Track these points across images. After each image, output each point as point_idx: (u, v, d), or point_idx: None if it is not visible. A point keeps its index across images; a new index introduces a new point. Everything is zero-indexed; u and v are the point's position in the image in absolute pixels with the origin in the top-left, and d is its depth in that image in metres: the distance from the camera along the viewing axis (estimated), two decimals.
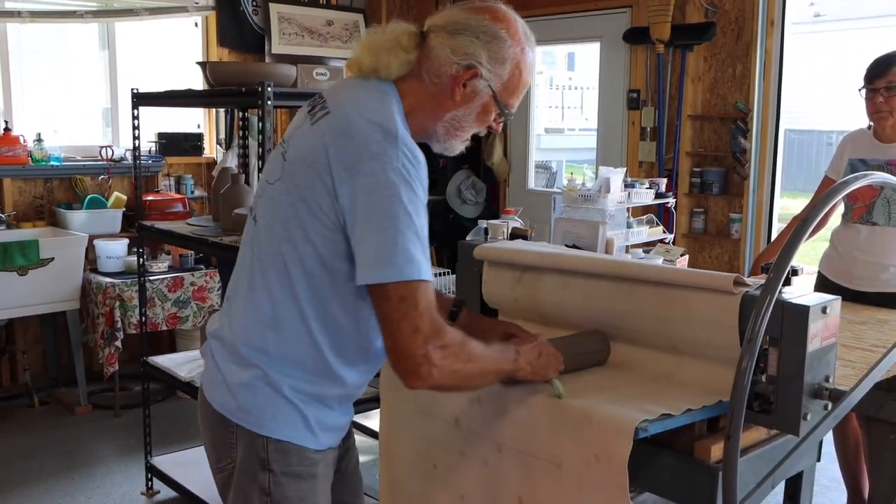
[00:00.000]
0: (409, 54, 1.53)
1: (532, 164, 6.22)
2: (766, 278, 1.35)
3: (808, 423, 1.50)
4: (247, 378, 1.53)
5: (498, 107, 1.57)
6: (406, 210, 1.39)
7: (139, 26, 5.26)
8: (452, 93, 1.53)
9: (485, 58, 1.51)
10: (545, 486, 1.59)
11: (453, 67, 1.51)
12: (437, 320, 1.41)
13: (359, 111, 1.47)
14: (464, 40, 1.51)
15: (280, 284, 1.50)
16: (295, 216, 1.47)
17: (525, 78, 1.59)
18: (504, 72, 1.54)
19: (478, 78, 1.52)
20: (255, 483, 1.55)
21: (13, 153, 4.54)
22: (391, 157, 1.40)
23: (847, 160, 3.10)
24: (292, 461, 1.55)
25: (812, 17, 11.55)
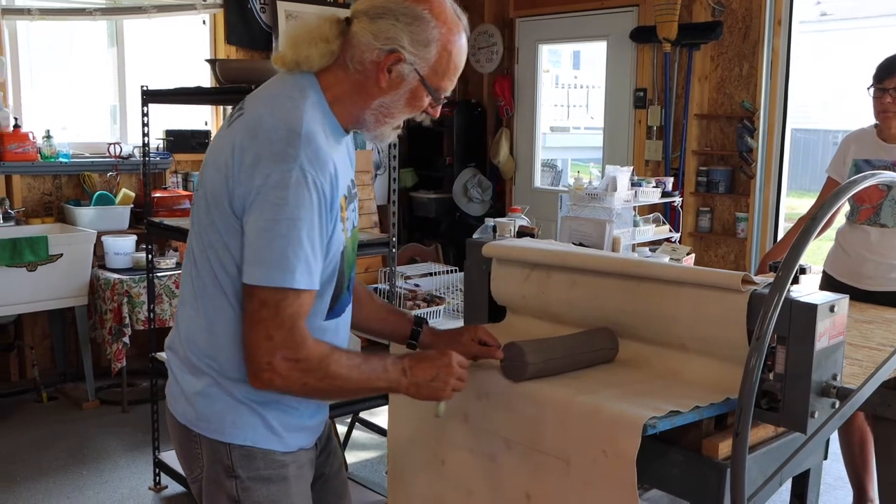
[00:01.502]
0: (330, 44, 1.48)
1: (538, 162, 6.23)
2: (775, 277, 1.36)
3: (816, 421, 1.51)
4: (201, 386, 1.52)
5: (427, 91, 1.50)
6: (293, 215, 1.36)
7: (147, 24, 5.28)
8: (378, 79, 1.47)
9: (407, 41, 1.45)
10: (553, 482, 1.60)
11: (375, 53, 1.45)
12: (296, 333, 1.39)
13: (270, 109, 1.45)
14: (384, 24, 1.45)
15: (213, 290, 1.48)
16: (210, 222, 1.46)
17: (456, 59, 1.51)
18: (430, 54, 1.47)
19: (402, 62, 1.46)
20: (223, 491, 1.53)
21: (22, 150, 4.56)
22: (290, 159, 1.37)
23: (851, 161, 3.10)
24: (258, 465, 1.52)
25: (818, 16, 11.53)
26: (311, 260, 1.39)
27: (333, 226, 1.46)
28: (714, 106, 5.08)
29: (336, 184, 1.44)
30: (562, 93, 12.68)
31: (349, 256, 1.59)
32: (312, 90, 1.49)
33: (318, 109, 1.47)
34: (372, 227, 5.81)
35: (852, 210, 3.10)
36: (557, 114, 12.35)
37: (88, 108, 5.32)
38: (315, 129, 1.43)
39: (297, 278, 1.37)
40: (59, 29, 5.14)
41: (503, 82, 6.15)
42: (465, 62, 1.54)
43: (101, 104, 5.35)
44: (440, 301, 3.25)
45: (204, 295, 1.50)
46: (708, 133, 5.14)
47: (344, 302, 1.61)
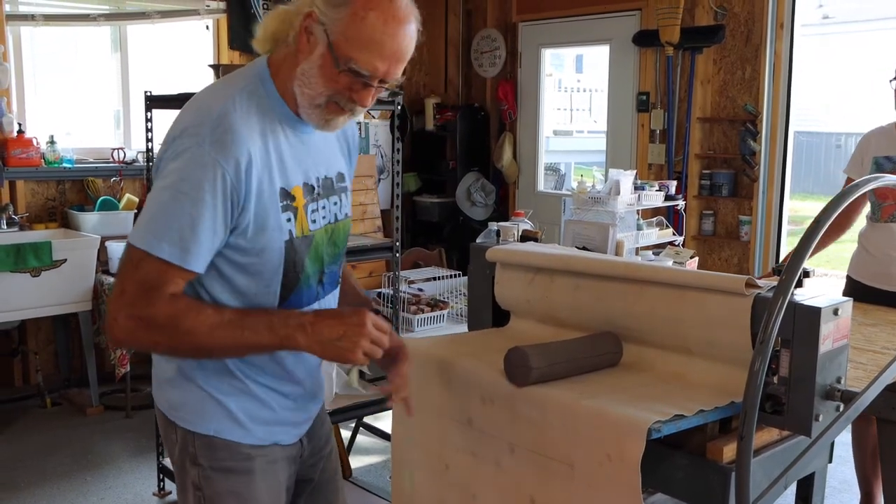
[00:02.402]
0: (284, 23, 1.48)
1: (542, 166, 6.24)
2: (779, 280, 1.36)
3: (820, 425, 1.51)
4: (169, 374, 1.55)
5: (335, 59, 1.39)
6: (180, 188, 1.35)
7: (151, 29, 5.30)
8: (300, 44, 1.43)
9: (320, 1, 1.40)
10: (558, 486, 1.60)
11: (300, 17, 1.43)
12: (147, 294, 1.36)
13: (205, 91, 1.50)
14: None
15: None
16: None
17: (371, 29, 1.38)
18: (340, 16, 1.38)
19: (315, 22, 1.40)
20: (189, 478, 1.54)
21: (26, 155, 4.57)
22: (194, 136, 1.38)
23: (871, 158, 3.01)
24: (221, 456, 1.53)
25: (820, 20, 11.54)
26: (187, 235, 1.35)
27: (264, 215, 1.43)
28: (717, 109, 5.08)
29: (250, 171, 1.39)
30: (565, 96, 12.70)
31: (319, 250, 1.56)
32: (257, 78, 1.48)
33: (255, 97, 1.45)
34: (375, 232, 5.82)
35: (874, 208, 3.00)
36: (560, 117, 12.37)
37: (92, 114, 5.33)
38: (234, 115, 1.40)
39: (162, 247, 1.35)
40: (63, 34, 5.16)
41: (506, 86, 6.16)
42: (394, 43, 1.41)
43: (105, 109, 5.37)
44: (444, 305, 3.25)
45: None
46: (711, 136, 5.14)
47: (307, 295, 1.56)
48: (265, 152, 1.43)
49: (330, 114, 1.46)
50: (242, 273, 1.47)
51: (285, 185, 1.47)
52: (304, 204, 1.50)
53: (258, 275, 1.47)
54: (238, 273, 1.47)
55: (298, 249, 1.50)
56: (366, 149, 5.96)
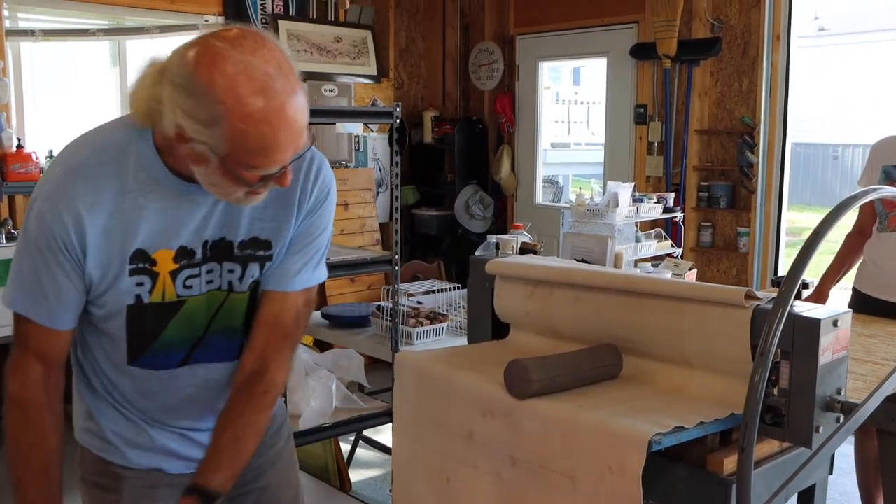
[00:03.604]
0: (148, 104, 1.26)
1: (540, 178, 6.25)
2: (778, 292, 1.36)
3: (821, 436, 1.51)
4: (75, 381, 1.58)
5: (229, 168, 1.22)
6: (22, 243, 1.35)
7: (150, 44, 5.31)
8: (184, 153, 1.25)
9: (183, 117, 1.19)
10: (559, 499, 1.60)
11: (170, 122, 1.22)
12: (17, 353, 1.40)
13: (74, 140, 1.41)
14: (169, 92, 1.20)
15: None
16: None
17: (260, 135, 1.19)
18: (219, 134, 1.18)
19: (192, 141, 1.21)
20: (80, 487, 1.59)
21: (25, 170, 4.57)
22: (40, 191, 1.34)
23: (881, 168, 2.99)
24: (93, 470, 1.55)
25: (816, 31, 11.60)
26: (37, 291, 1.35)
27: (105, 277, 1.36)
28: (714, 121, 5.10)
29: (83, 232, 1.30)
30: (562, 109, 12.74)
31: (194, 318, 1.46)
32: (135, 139, 1.33)
33: (124, 157, 1.33)
34: (374, 245, 5.82)
35: (881, 218, 2.97)
36: (558, 130, 12.40)
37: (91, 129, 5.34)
38: (81, 174, 1.31)
39: (12, 300, 1.37)
40: (62, 50, 5.18)
41: (504, 99, 6.18)
42: (288, 132, 1.21)
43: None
44: (443, 318, 3.26)
45: None
46: (708, 148, 5.16)
47: (162, 360, 1.48)
48: (116, 212, 1.32)
49: (252, 196, 1.31)
50: (96, 322, 1.45)
51: (145, 247, 1.36)
52: (171, 269, 1.39)
53: (106, 329, 1.45)
54: (93, 320, 1.45)
55: (150, 315, 1.41)
56: (364, 162, 5.97)
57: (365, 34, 5.98)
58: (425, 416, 1.90)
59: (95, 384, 1.53)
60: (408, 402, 1.92)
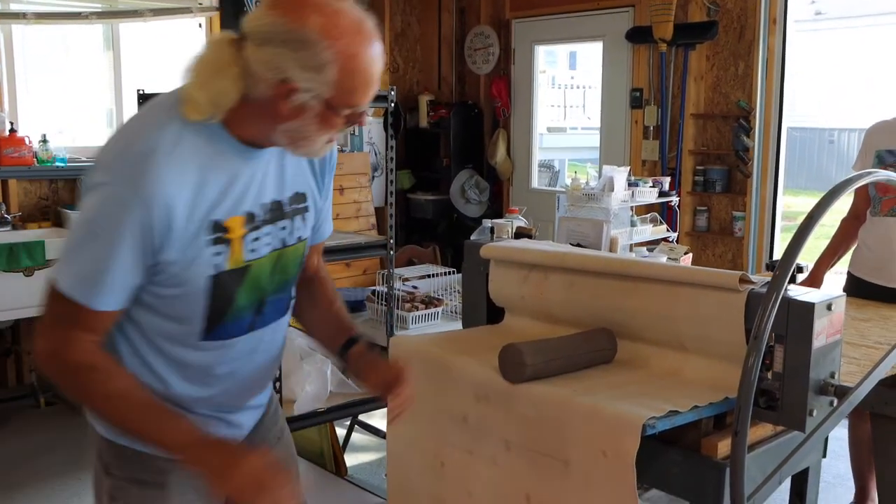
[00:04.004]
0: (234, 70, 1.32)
1: (535, 163, 6.24)
2: (772, 276, 1.36)
3: (814, 420, 1.51)
4: None
5: (338, 111, 1.34)
6: (89, 227, 1.32)
7: (143, 27, 5.28)
8: (277, 109, 1.32)
9: (297, 69, 1.28)
10: (553, 483, 1.60)
11: (266, 83, 1.30)
12: (60, 330, 1.36)
13: (133, 118, 1.42)
14: (270, 51, 1.29)
15: None
16: None
17: (364, 73, 1.33)
18: (328, 77, 1.29)
19: (296, 93, 1.30)
20: (101, 486, 1.52)
21: (18, 154, 4.55)
22: (109, 172, 1.32)
23: (875, 152, 3.00)
24: (134, 468, 1.49)
25: (813, 15, 11.57)
26: (97, 277, 1.32)
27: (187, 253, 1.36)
28: (710, 105, 5.09)
29: (171, 212, 1.32)
30: (558, 93, 12.71)
31: (259, 281, 1.50)
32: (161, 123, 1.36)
33: (190, 130, 1.35)
34: (369, 229, 5.81)
35: (874, 202, 2.98)
36: (554, 114, 12.38)
37: (85, 112, 5.31)
38: (160, 153, 1.31)
39: (66, 283, 1.33)
40: (55, 33, 5.14)
41: (500, 83, 6.15)
42: (380, 68, 1.36)
43: (98, 108, 5.35)
44: (438, 303, 3.25)
45: None
46: (704, 132, 5.15)
47: (236, 327, 1.51)
48: (197, 188, 1.35)
49: (328, 145, 1.43)
50: (164, 304, 1.43)
51: (220, 217, 1.39)
52: (241, 235, 1.43)
53: (180, 308, 1.43)
54: (160, 303, 1.43)
55: (227, 283, 1.44)
56: (359, 146, 5.95)
57: None
58: (420, 400, 1.90)
59: (143, 379, 1.47)
60: None
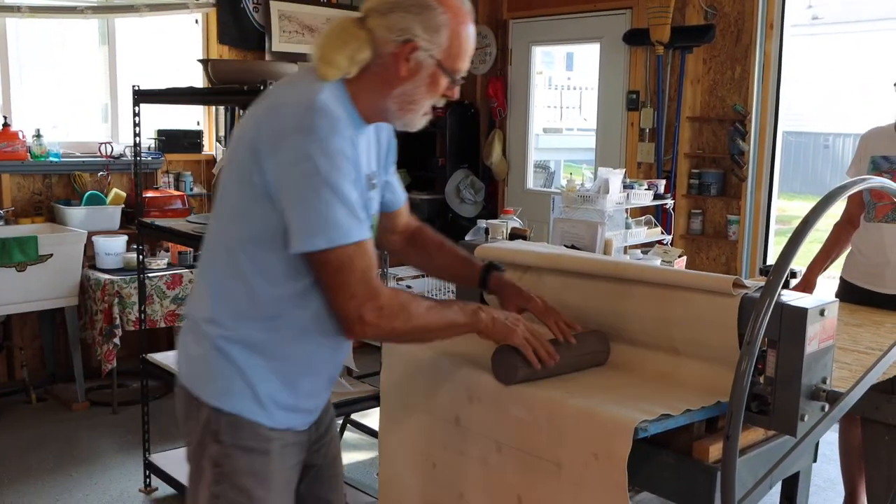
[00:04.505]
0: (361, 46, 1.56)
1: (531, 163, 6.24)
2: (766, 281, 1.36)
3: (806, 425, 1.52)
4: (202, 350, 1.60)
5: (445, 73, 1.59)
6: (326, 180, 1.45)
7: (139, 22, 5.27)
8: (397, 70, 1.56)
9: (420, 29, 1.54)
10: (545, 485, 1.60)
11: (392, 45, 1.54)
12: (371, 283, 1.49)
13: (289, 89, 1.58)
14: (396, 17, 1.54)
15: (226, 260, 1.57)
16: (234, 193, 1.56)
17: (466, 41, 1.60)
18: (442, 39, 1.56)
19: (418, 50, 1.55)
20: (207, 454, 1.59)
21: (12, 149, 4.53)
22: (311, 129, 1.46)
23: (869, 158, 3.00)
24: (243, 435, 1.58)
25: (810, 20, 11.59)
26: (355, 213, 1.48)
27: (362, 196, 1.55)
28: (706, 109, 5.10)
29: (357, 154, 1.53)
30: (555, 94, 12.70)
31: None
32: (332, 85, 1.56)
33: (335, 94, 1.54)
34: None
35: (868, 208, 2.98)
36: (550, 115, 12.37)
37: (79, 107, 5.30)
38: (332, 104, 1.50)
39: (352, 233, 1.47)
40: (50, 27, 5.12)
41: (496, 83, 6.15)
42: (473, 41, 1.62)
43: (92, 103, 5.34)
44: None
45: (214, 263, 1.61)
46: (700, 136, 5.15)
47: None
48: (355, 141, 1.54)
49: (424, 117, 1.65)
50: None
51: (362, 171, 1.58)
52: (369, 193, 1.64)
53: None
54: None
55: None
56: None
57: (356, 16, 5.93)
58: (412, 400, 1.90)
59: (268, 348, 1.58)
60: (395, 386, 1.92)
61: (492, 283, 1.87)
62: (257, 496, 1.58)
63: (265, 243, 1.53)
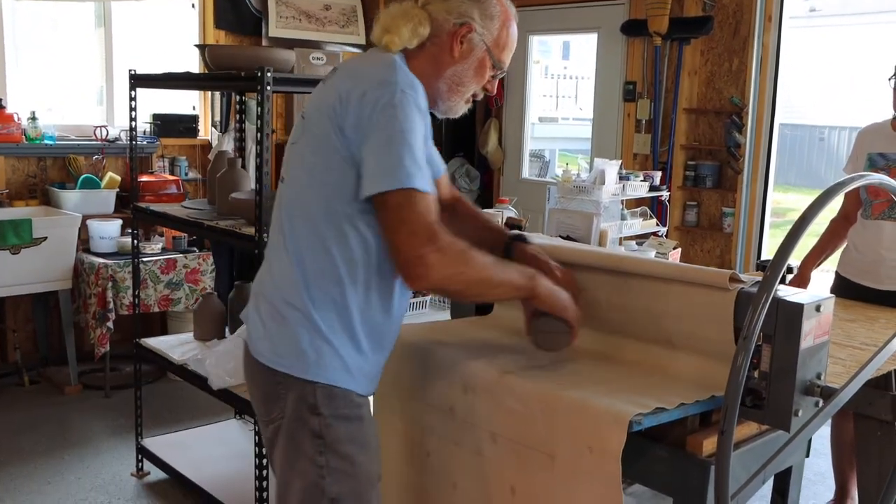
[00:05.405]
0: (420, 26, 1.67)
1: (527, 153, 6.23)
2: (763, 276, 1.37)
3: (799, 420, 1.52)
4: (289, 327, 1.63)
5: (491, 59, 1.71)
6: (402, 128, 1.52)
7: (136, 6, 5.23)
8: (451, 49, 1.68)
9: (477, 14, 1.68)
10: (538, 476, 1.60)
11: (450, 25, 1.67)
12: (434, 225, 1.53)
13: (364, 59, 1.70)
14: (456, 2, 1.68)
15: (307, 230, 1.62)
16: (316, 161, 1.61)
17: (512, 36, 1.74)
18: (494, 28, 1.70)
19: (473, 32, 1.68)
20: (307, 427, 1.63)
21: (7, 131, 4.51)
22: (391, 83, 1.55)
23: (866, 155, 3.00)
24: (339, 404, 1.63)
25: (807, 12, 11.58)
26: (423, 167, 1.55)
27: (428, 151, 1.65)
28: (703, 101, 5.09)
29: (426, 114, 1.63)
30: (551, 83, 12.67)
31: None
32: (401, 62, 1.66)
33: (403, 62, 1.65)
34: None
35: (865, 205, 2.99)
36: (546, 104, 12.34)
37: (75, 90, 5.27)
38: (403, 66, 1.62)
39: (416, 181, 1.52)
40: (46, 9, 5.08)
41: None
42: (516, 45, 1.77)
43: (88, 86, 5.30)
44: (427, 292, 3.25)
45: (294, 237, 1.64)
46: (696, 128, 5.15)
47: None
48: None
49: (465, 105, 1.77)
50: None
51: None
52: None
53: None
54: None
55: None
56: None
57: (354, 2, 5.91)
58: (407, 390, 1.90)
59: (354, 317, 1.63)
60: (391, 375, 1.92)
61: (516, 252, 1.89)
62: (359, 461, 1.65)
63: (345, 208, 1.59)
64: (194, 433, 3.73)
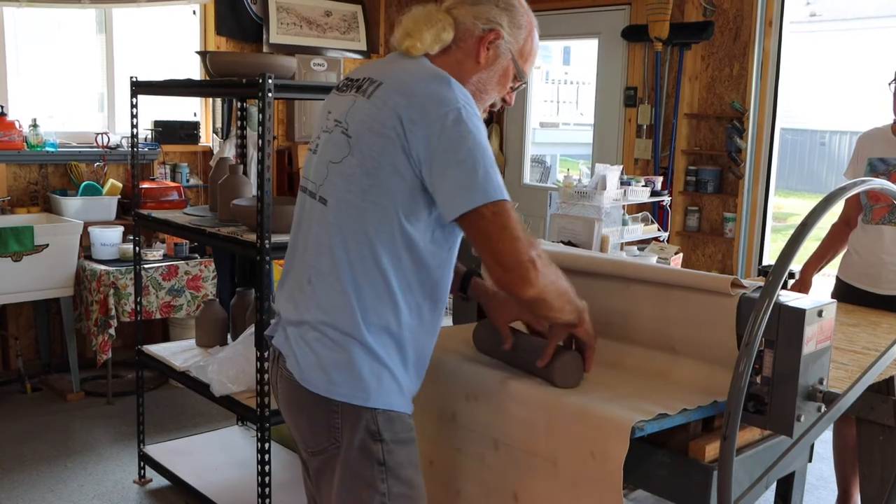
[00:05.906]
0: (444, 30, 1.64)
1: (528, 159, 6.24)
2: (765, 281, 1.37)
3: (802, 425, 1.52)
4: (346, 356, 1.57)
5: (516, 68, 1.69)
6: (477, 140, 1.51)
7: (137, 12, 5.24)
8: (478, 55, 1.65)
9: (506, 22, 1.66)
10: (541, 483, 1.60)
11: (478, 30, 1.65)
12: (525, 235, 1.52)
13: (410, 73, 1.61)
14: (485, 8, 1.66)
15: (361, 255, 1.56)
16: (374, 184, 1.54)
17: (535, 47, 1.73)
18: (521, 37, 1.68)
19: (500, 39, 1.65)
20: (369, 455, 1.59)
21: (8, 138, 4.51)
22: (452, 100, 1.52)
23: (866, 160, 3.00)
24: (398, 428, 1.61)
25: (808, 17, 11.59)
26: (497, 175, 1.53)
27: None
28: (704, 106, 5.10)
29: None
30: (552, 88, 12.69)
31: None
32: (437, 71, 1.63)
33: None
34: None
35: (865, 210, 2.99)
36: (547, 109, 12.36)
37: (76, 97, 5.27)
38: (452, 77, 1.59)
39: (505, 192, 1.52)
40: (47, 16, 5.10)
41: None
42: (537, 58, 1.76)
43: (89, 93, 5.31)
44: None
45: (350, 263, 1.57)
46: (697, 133, 5.16)
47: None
48: None
49: (485, 112, 1.73)
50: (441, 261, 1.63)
51: None
52: None
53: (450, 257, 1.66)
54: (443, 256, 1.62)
55: None
56: None
57: (355, 9, 5.92)
58: None
59: (406, 338, 1.61)
60: None
61: (473, 290, 1.84)
62: (416, 483, 1.64)
63: (404, 231, 1.55)
64: (197, 440, 3.73)
